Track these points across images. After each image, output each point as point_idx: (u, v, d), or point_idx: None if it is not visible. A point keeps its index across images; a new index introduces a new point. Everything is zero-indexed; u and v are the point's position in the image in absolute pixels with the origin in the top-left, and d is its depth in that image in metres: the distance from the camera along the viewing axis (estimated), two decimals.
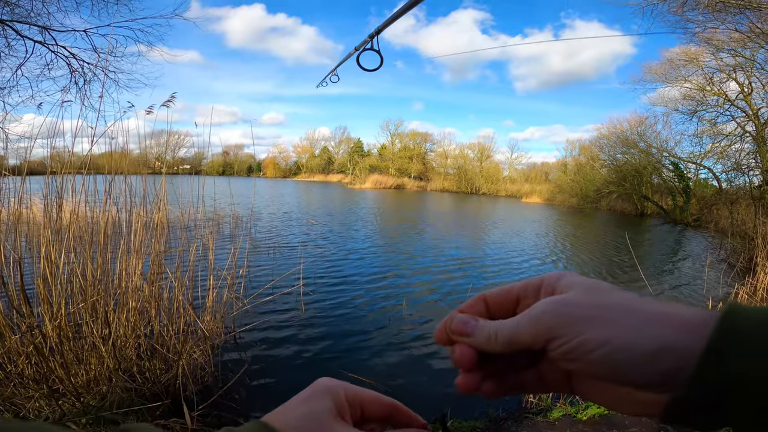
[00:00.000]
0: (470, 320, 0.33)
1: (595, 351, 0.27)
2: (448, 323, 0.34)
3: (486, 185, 43.22)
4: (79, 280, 2.67)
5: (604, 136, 26.35)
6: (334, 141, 60.93)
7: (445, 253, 9.14)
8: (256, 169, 62.38)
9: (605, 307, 0.29)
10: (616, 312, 0.28)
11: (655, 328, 0.27)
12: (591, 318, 0.28)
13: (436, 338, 0.35)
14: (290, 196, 26.04)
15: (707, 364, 0.25)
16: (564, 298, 0.31)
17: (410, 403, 0.40)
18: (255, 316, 4.42)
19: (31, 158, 3.23)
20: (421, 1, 1.07)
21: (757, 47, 10.47)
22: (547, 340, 0.29)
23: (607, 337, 0.27)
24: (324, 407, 0.35)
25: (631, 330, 0.27)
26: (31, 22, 6.77)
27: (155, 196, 3.51)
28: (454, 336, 0.34)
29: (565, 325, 0.29)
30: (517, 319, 0.31)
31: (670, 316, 0.27)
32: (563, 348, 0.29)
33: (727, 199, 13.29)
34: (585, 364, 0.28)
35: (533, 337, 0.30)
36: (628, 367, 0.27)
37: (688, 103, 16.35)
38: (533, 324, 0.30)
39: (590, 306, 0.29)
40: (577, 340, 0.28)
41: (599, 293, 0.30)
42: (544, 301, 0.31)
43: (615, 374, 0.28)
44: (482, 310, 0.35)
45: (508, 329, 0.31)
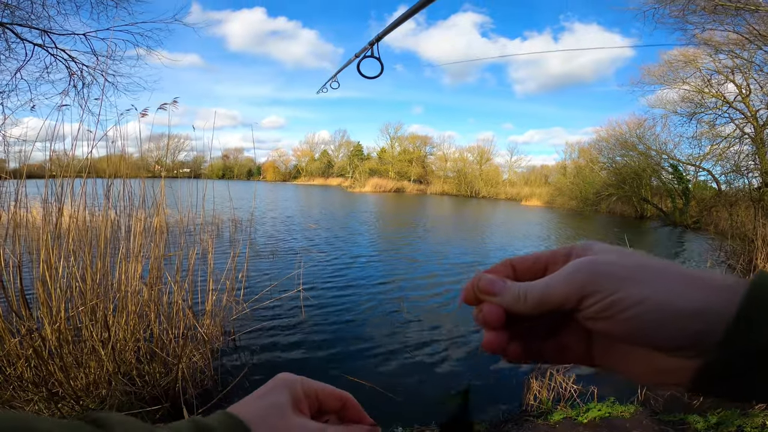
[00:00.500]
0: (498, 280, 0.32)
1: (630, 309, 0.27)
2: (476, 283, 0.33)
3: (486, 188, 43.25)
4: (79, 284, 2.66)
5: (603, 139, 26.41)
6: (334, 144, 61.13)
7: (446, 257, 9.13)
8: (256, 173, 62.44)
9: (639, 268, 0.28)
10: (650, 273, 0.28)
11: (689, 291, 0.27)
12: (625, 277, 0.28)
13: (463, 298, 0.34)
14: (290, 200, 26.05)
15: (737, 330, 0.25)
16: (597, 257, 0.30)
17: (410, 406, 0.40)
18: (255, 320, 4.42)
19: (30, 162, 3.23)
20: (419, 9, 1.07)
21: (755, 49, 10.51)
22: (580, 298, 0.28)
23: (643, 296, 0.27)
24: (284, 400, 0.37)
25: (666, 290, 0.27)
26: (31, 25, 6.79)
27: (154, 200, 3.51)
28: (482, 295, 0.33)
29: (600, 283, 0.28)
30: (548, 279, 0.31)
31: (704, 280, 0.27)
32: (597, 306, 0.28)
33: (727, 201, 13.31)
34: (618, 323, 0.27)
35: (565, 295, 0.29)
36: (661, 327, 0.26)
37: (686, 105, 16.41)
38: (566, 282, 0.29)
39: (624, 266, 0.28)
40: (611, 298, 0.27)
41: (632, 256, 0.30)
42: (577, 261, 0.30)
43: (647, 335, 0.27)
44: (510, 274, 0.34)
45: (538, 289, 0.30)
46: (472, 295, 0.33)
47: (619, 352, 0.30)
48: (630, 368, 0.30)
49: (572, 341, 0.33)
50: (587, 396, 3.10)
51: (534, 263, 0.34)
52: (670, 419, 2.82)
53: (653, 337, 0.27)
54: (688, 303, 0.26)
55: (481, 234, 13.67)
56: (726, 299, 0.26)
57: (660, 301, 0.26)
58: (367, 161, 54.63)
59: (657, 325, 0.26)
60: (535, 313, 0.31)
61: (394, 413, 2.92)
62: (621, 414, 2.88)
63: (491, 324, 0.32)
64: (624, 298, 0.27)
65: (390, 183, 46.37)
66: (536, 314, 0.31)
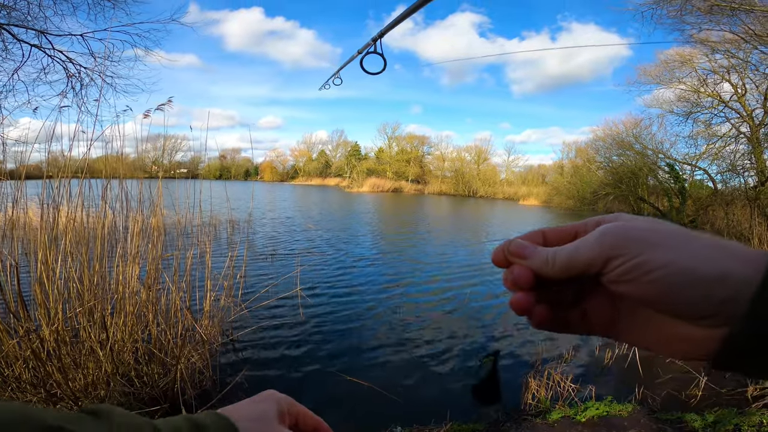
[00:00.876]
0: (528, 245, 0.33)
1: (654, 272, 0.27)
2: (506, 246, 0.34)
3: (483, 188, 43.32)
4: (76, 285, 2.66)
5: (599, 138, 26.44)
6: (332, 144, 61.09)
7: (445, 257, 9.15)
8: (254, 173, 62.33)
9: (666, 233, 0.29)
10: (676, 239, 0.28)
11: (714, 257, 0.26)
12: (652, 241, 0.28)
13: (493, 260, 0.35)
14: (288, 200, 26.01)
15: (762, 298, 0.25)
16: (624, 223, 0.31)
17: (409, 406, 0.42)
18: (253, 320, 4.41)
19: (27, 162, 3.22)
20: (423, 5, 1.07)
21: (751, 48, 10.56)
22: (606, 259, 0.29)
23: (668, 260, 0.27)
24: (272, 411, 0.42)
25: (691, 255, 0.27)
26: (28, 26, 6.75)
27: (152, 201, 3.50)
28: (512, 257, 0.33)
29: (625, 246, 0.28)
30: (576, 243, 0.31)
31: (731, 249, 0.27)
32: (621, 268, 0.28)
33: (723, 200, 13.38)
34: (641, 286, 0.27)
35: (592, 258, 0.29)
36: (686, 291, 0.26)
37: (682, 105, 16.45)
38: (593, 244, 0.29)
39: (651, 230, 0.29)
40: (635, 260, 0.28)
41: (661, 224, 0.30)
42: (606, 225, 0.31)
43: (670, 298, 0.27)
44: (540, 242, 0.35)
45: (566, 252, 0.31)
46: (502, 258, 0.34)
47: (643, 321, 0.30)
48: (653, 338, 0.30)
49: (598, 310, 0.33)
50: (585, 395, 3.11)
51: (564, 231, 0.35)
52: (667, 418, 2.84)
53: (676, 301, 0.27)
54: (712, 268, 0.26)
55: (480, 234, 13.69)
56: (753, 268, 0.25)
57: (684, 265, 0.26)
58: (365, 161, 54.59)
59: (680, 289, 0.26)
60: (562, 277, 0.31)
61: (393, 413, 2.92)
62: (619, 413, 2.89)
63: (521, 284, 0.32)
64: (648, 260, 0.27)
65: (388, 183, 46.36)
66: (564, 278, 0.31)
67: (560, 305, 0.34)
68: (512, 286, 0.33)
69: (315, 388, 3.28)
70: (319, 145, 62.33)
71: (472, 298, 5.85)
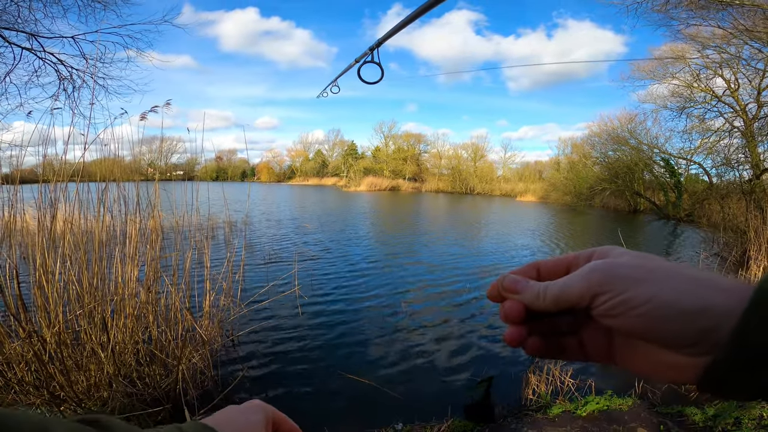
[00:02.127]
0: (521, 279, 0.35)
1: (639, 307, 0.29)
2: (501, 281, 0.36)
3: (480, 185, 43.38)
4: (76, 288, 2.65)
5: (595, 134, 26.57)
6: (328, 144, 60.97)
7: (444, 254, 9.16)
8: (250, 174, 62.14)
9: (651, 269, 0.30)
10: (660, 274, 0.30)
11: (697, 290, 0.28)
12: (637, 278, 0.30)
13: (488, 295, 0.37)
14: (285, 200, 25.97)
15: (746, 325, 0.26)
16: (612, 260, 0.32)
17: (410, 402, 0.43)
18: (253, 320, 4.41)
19: (22, 167, 3.21)
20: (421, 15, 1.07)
21: (742, 44, 10.61)
22: (593, 295, 0.30)
23: (652, 294, 0.28)
24: (259, 419, 0.45)
25: (674, 290, 0.28)
26: (19, 29, 6.69)
27: (149, 203, 3.50)
28: (505, 293, 0.35)
29: (612, 282, 0.30)
30: (566, 278, 0.33)
31: (713, 281, 0.29)
32: (608, 303, 0.30)
33: (718, 194, 13.44)
34: (628, 320, 0.29)
35: (580, 293, 0.31)
36: (669, 323, 0.28)
37: (676, 100, 16.53)
38: (581, 281, 0.31)
39: (636, 267, 0.30)
40: (622, 296, 0.29)
41: (646, 259, 0.31)
42: (594, 262, 0.33)
43: (656, 331, 0.29)
44: (534, 276, 0.37)
45: (556, 287, 0.33)
46: (496, 293, 0.36)
47: (634, 349, 0.32)
48: (644, 365, 0.32)
49: (593, 339, 0.35)
50: (585, 390, 3.13)
51: (557, 265, 0.37)
52: (668, 411, 2.86)
53: (661, 332, 0.28)
54: (694, 301, 0.28)
55: (480, 232, 13.71)
56: (736, 300, 0.27)
57: (667, 299, 0.28)
58: (362, 160, 54.51)
59: (664, 322, 0.28)
60: (553, 310, 0.33)
61: (394, 410, 2.93)
62: (619, 407, 2.91)
63: (512, 319, 0.35)
64: (633, 296, 0.29)
65: (385, 181, 46.33)
66: (555, 311, 0.33)
67: (555, 335, 0.36)
68: (505, 320, 0.35)
69: (316, 386, 3.29)
70: (315, 144, 62.27)
71: (472, 294, 5.87)
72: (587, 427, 2.69)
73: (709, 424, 2.65)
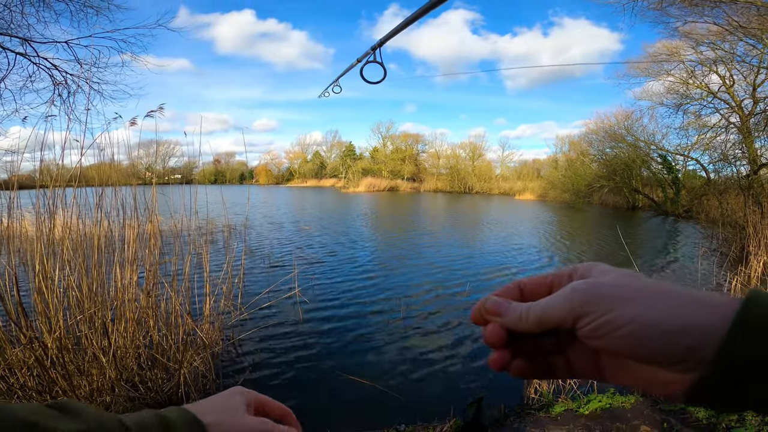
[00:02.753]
0: (503, 302, 0.35)
1: (623, 328, 0.28)
2: (483, 303, 0.35)
3: (479, 184, 43.42)
4: (76, 293, 2.65)
5: (592, 131, 26.62)
6: (326, 145, 60.98)
7: (445, 255, 9.17)
8: (249, 177, 62.10)
9: (634, 288, 0.30)
10: (643, 293, 0.29)
11: (681, 309, 0.28)
12: (620, 298, 0.29)
13: (471, 318, 0.37)
14: (284, 202, 25.95)
15: (732, 343, 0.26)
16: (594, 279, 0.32)
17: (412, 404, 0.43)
18: (253, 323, 4.41)
19: (19, 172, 3.20)
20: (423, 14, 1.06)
21: (736, 40, 10.65)
22: (576, 317, 0.30)
23: (636, 314, 0.28)
24: (238, 402, 0.48)
25: (658, 310, 0.28)
26: (12, 34, 6.68)
27: (147, 207, 3.49)
28: (488, 315, 0.35)
29: (594, 303, 0.30)
30: (548, 299, 0.33)
31: (697, 299, 0.29)
32: (591, 325, 0.30)
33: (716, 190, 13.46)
34: (612, 341, 0.29)
35: (563, 314, 0.31)
36: (654, 343, 0.28)
37: (672, 97, 16.60)
38: (563, 302, 0.31)
39: (619, 287, 0.30)
40: (605, 317, 0.29)
41: (628, 278, 0.31)
42: (576, 282, 0.32)
43: (641, 351, 0.28)
44: (517, 296, 0.37)
45: (538, 309, 0.32)
46: (479, 316, 0.36)
47: (622, 366, 0.32)
48: (633, 381, 0.32)
49: (580, 358, 0.35)
50: (587, 388, 3.13)
51: (539, 284, 0.37)
52: (671, 408, 2.86)
53: (647, 352, 0.28)
54: (678, 321, 0.28)
55: (480, 232, 13.72)
56: (720, 317, 0.27)
57: (651, 319, 0.28)
58: (360, 161, 54.53)
59: (649, 342, 0.28)
60: (537, 331, 0.33)
61: (396, 411, 2.93)
62: (622, 404, 2.91)
63: (493, 344, 0.35)
64: (617, 317, 0.29)
65: (383, 182, 46.35)
66: (538, 332, 0.33)
67: (541, 354, 0.36)
68: (487, 344, 0.35)
69: (318, 388, 3.28)
70: (313, 146, 62.25)
71: (474, 295, 5.87)
72: (590, 426, 2.69)
73: (712, 420, 2.66)
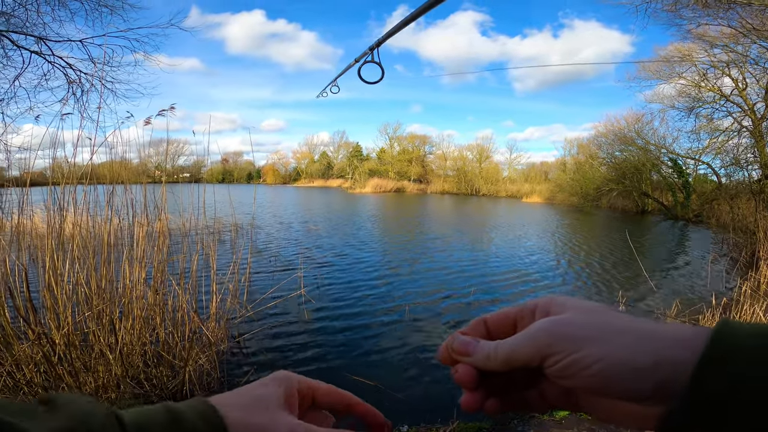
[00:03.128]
0: (471, 341, 0.35)
1: (591, 367, 0.28)
2: (450, 344, 0.35)
3: (486, 186, 43.22)
4: (84, 290, 2.68)
5: (602, 134, 26.40)
6: (333, 146, 61.13)
7: (448, 257, 9.15)
8: (256, 176, 62.45)
9: (599, 326, 0.30)
10: (609, 331, 0.29)
11: (649, 345, 0.28)
12: (585, 337, 0.29)
13: (439, 358, 0.37)
14: (291, 202, 26.06)
15: (702, 375, 0.26)
16: (559, 317, 0.32)
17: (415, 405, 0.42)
18: (259, 322, 4.43)
19: (32, 169, 3.25)
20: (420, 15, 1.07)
21: (750, 43, 10.50)
22: (543, 357, 0.30)
23: (604, 353, 0.28)
24: (273, 395, 0.37)
25: (625, 347, 0.28)
26: (27, 32, 6.78)
27: (156, 205, 3.53)
28: (456, 355, 0.35)
29: (560, 343, 0.30)
30: (514, 338, 0.33)
31: (664, 333, 0.29)
32: (558, 365, 0.30)
33: (727, 194, 13.30)
34: (580, 380, 0.29)
35: (529, 354, 0.31)
36: (623, 382, 0.28)
37: (683, 100, 16.41)
38: (529, 342, 0.31)
39: (584, 325, 0.30)
40: (571, 358, 0.29)
41: (592, 314, 0.31)
42: (541, 321, 0.32)
43: (611, 389, 0.29)
44: (483, 332, 0.37)
45: (506, 348, 0.32)
46: (447, 355, 0.36)
47: (595, 401, 0.32)
48: (607, 415, 0.32)
49: (553, 391, 0.35)
50: None
51: (505, 319, 0.36)
52: None
53: (616, 390, 0.28)
54: (646, 358, 0.28)
55: (486, 233, 13.67)
56: (690, 348, 0.27)
57: (620, 357, 0.28)
58: (367, 162, 54.58)
59: (618, 380, 0.28)
60: (506, 369, 0.33)
61: (399, 412, 2.93)
62: None
63: (465, 385, 0.34)
64: (584, 356, 0.29)
65: (390, 183, 46.36)
66: (508, 370, 0.33)
67: (515, 390, 0.36)
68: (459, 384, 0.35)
69: None
70: (321, 146, 62.45)
71: (479, 296, 5.85)
72: (595, 429, 2.67)
73: None
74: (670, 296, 5.83)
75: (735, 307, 4.19)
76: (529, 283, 6.77)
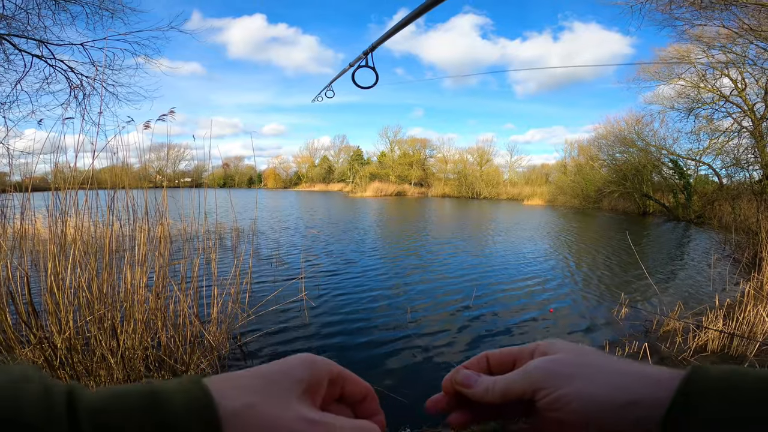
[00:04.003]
0: (472, 375, 0.39)
1: (573, 403, 0.32)
2: (454, 376, 0.40)
3: (487, 189, 43.20)
4: (86, 294, 2.68)
5: (602, 136, 26.44)
6: (334, 150, 61.26)
7: (450, 260, 9.14)
8: (257, 181, 62.57)
9: (583, 365, 0.34)
10: (591, 370, 0.34)
11: (625, 384, 0.32)
12: (571, 375, 0.34)
13: (442, 387, 0.41)
14: (292, 206, 26.09)
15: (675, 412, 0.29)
16: (552, 357, 0.36)
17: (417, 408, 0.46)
18: (260, 326, 4.42)
19: (33, 174, 3.27)
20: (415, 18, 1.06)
21: (747, 43, 10.51)
22: (534, 391, 0.35)
23: (585, 391, 0.32)
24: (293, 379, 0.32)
25: (605, 385, 0.32)
26: (29, 36, 6.81)
27: (157, 210, 3.54)
28: (458, 387, 0.39)
29: (549, 380, 0.34)
30: (512, 374, 0.37)
31: (640, 373, 0.32)
32: (547, 399, 0.34)
33: (729, 195, 13.30)
34: (566, 414, 0.33)
35: (523, 390, 0.35)
36: (601, 416, 0.31)
37: (683, 101, 16.45)
38: (524, 377, 0.36)
39: (571, 364, 0.34)
40: (557, 393, 0.33)
41: (580, 355, 0.35)
42: (537, 360, 0.37)
43: (591, 424, 0.32)
44: (484, 366, 0.41)
45: (502, 383, 0.37)
46: (450, 386, 0.40)
47: None
48: None
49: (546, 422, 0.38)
50: None
51: (506, 357, 0.41)
52: None
53: (596, 425, 0.32)
54: (624, 396, 0.31)
55: (488, 236, 13.66)
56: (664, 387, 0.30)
57: (598, 395, 0.32)
58: (368, 166, 54.63)
59: (597, 416, 0.32)
60: (503, 402, 0.37)
61: (401, 415, 2.92)
62: None
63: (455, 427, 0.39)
64: (567, 393, 0.33)
65: (391, 187, 46.36)
66: (502, 403, 0.37)
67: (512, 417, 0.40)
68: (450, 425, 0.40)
69: None
70: (321, 150, 62.56)
71: (483, 299, 5.84)
72: None
73: None
74: (673, 298, 5.81)
75: (738, 309, 4.17)
76: (530, 287, 6.75)
